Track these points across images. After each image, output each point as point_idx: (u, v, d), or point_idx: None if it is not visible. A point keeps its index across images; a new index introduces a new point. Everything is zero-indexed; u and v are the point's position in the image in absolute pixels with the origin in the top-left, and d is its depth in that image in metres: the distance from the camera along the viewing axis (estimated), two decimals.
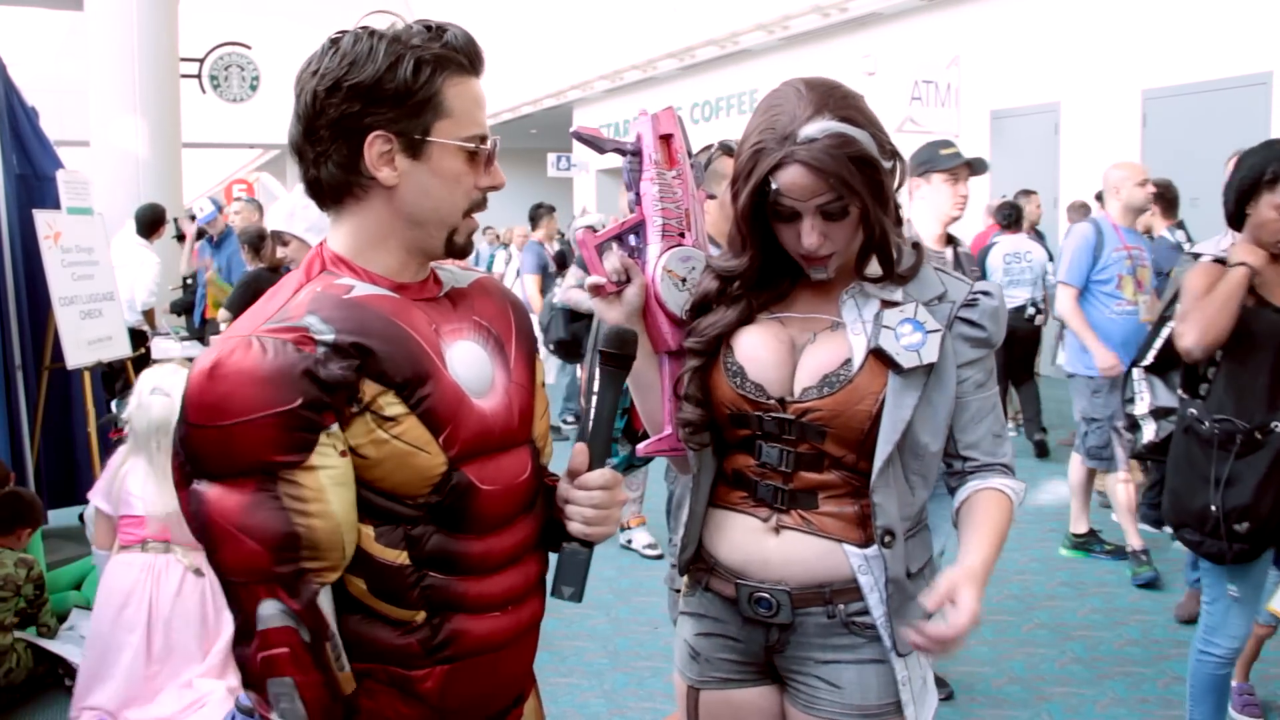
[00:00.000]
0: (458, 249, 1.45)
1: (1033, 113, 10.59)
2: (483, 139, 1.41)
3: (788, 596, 1.64)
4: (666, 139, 1.70)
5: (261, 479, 1.24)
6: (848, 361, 1.59)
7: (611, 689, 3.91)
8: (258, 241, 6.40)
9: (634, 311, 1.68)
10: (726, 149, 3.15)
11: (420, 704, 1.39)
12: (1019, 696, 3.75)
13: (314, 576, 1.27)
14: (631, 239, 1.73)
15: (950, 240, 3.69)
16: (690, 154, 1.74)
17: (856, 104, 1.58)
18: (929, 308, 1.62)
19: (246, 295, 5.74)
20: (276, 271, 6.49)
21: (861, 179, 1.53)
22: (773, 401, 1.62)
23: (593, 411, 1.52)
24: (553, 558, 1.55)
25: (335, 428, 1.28)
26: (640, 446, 1.78)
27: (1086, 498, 5.26)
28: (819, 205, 1.55)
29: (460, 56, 1.38)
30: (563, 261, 9.06)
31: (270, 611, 1.26)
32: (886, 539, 1.60)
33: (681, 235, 1.71)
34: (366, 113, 1.33)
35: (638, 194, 1.71)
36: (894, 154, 1.60)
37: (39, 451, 5.42)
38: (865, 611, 1.63)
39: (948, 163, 3.61)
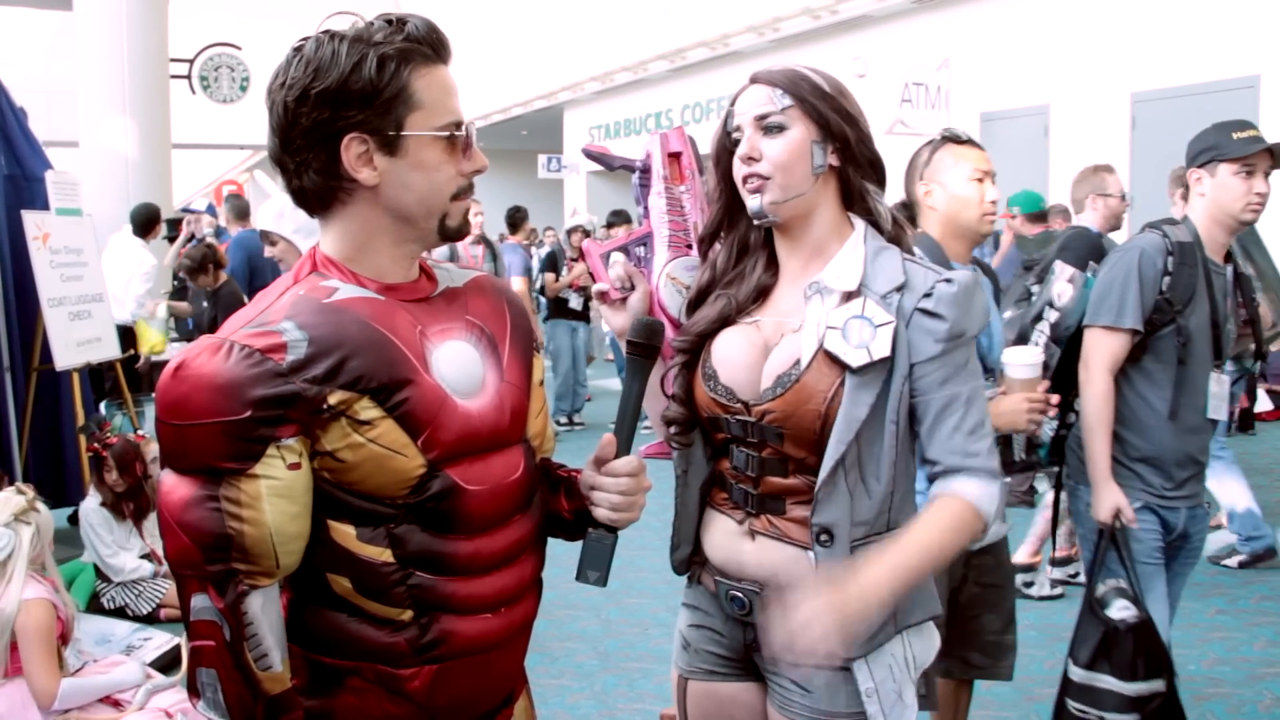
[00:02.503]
0: (451, 233, 1.45)
1: (1022, 115, 10.61)
2: (458, 125, 1.41)
3: (759, 598, 1.65)
4: (675, 156, 1.77)
5: (206, 479, 1.27)
6: (798, 362, 1.59)
7: (602, 690, 3.90)
8: (198, 267, 6.39)
9: (638, 317, 1.70)
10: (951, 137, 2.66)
11: (408, 703, 1.39)
12: (1008, 697, 3.76)
13: (245, 579, 1.29)
14: (640, 250, 1.79)
15: (1230, 256, 2.80)
16: (701, 171, 1.79)
17: (836, 81, 1.65)
18: (886, 300, 1.57)
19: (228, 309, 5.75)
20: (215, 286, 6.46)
21: (810, 95, 1.60)
22: (739, 405, 1.63)
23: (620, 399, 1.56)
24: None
25: (292, 440, 1.29)
26: (642, 449, 1.81)
27: None
28: (756, 115, 1.61)
29: (424, 46, 1.38)
30: (554, 263, 9.09)
31: (200, 605, 1.30)
32: (823, 538, 1.57)
33: (689, 247, 1.77)
34: (338, 117, 1.33)
35: (645, 208, 1.78)
36: (858, 128, 1.63)
37: (27, 453, 5.41)
38: None
39: (1239, 149, 2.64)
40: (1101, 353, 2.68)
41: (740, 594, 1.67)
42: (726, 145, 1.68)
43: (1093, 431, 2.71)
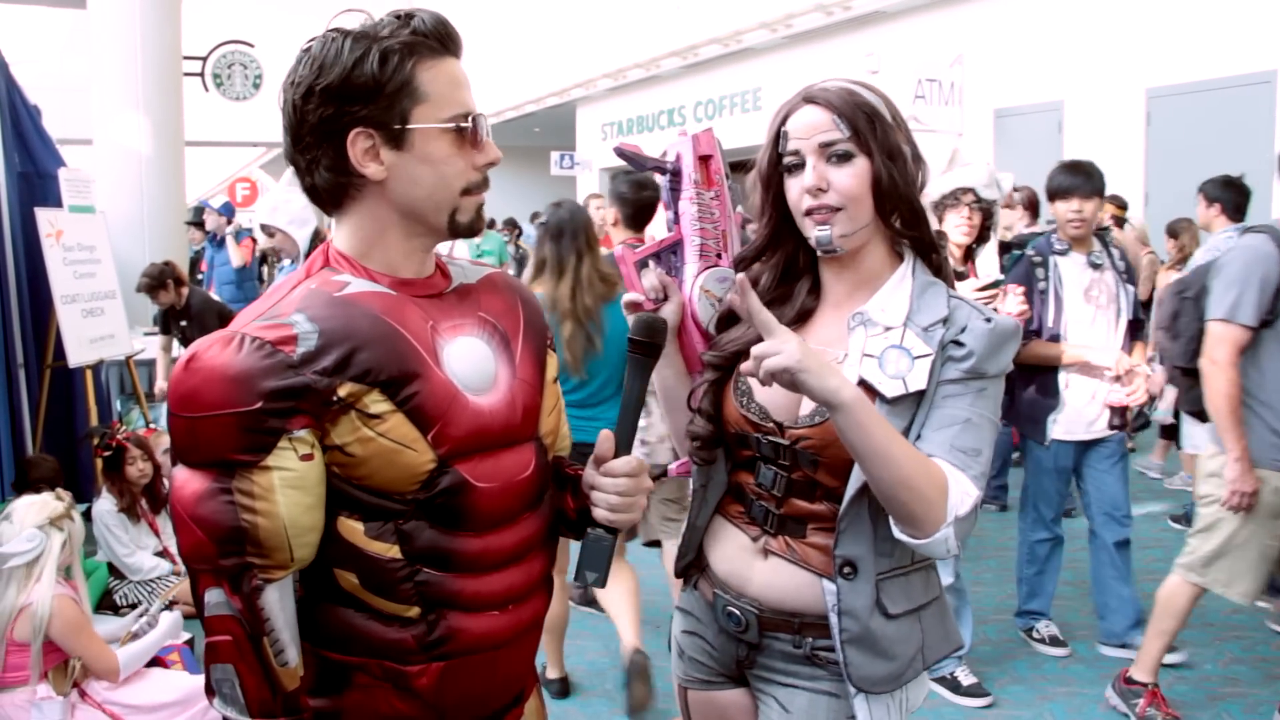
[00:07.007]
0: (463, 229, 1.43)
1: (1036, 111, 10.56)
2: (466, 116, 1.39)
3: (756, 617, 1.64)
4: (705, 160, 1.72)
5: (219, 473, 1.27)
6: None
7: (613, 688, 3.90)
8: (157, 283, 6.31)
9: (670, 330, 1.69)
10: None
11: (416, 700, 1.39)
12: (1022, 697, 3.74)
13: (259, 573, 1.29)
14: (671, 258, 1.76)
15: None
16: (728, 176, 1.76)
17: (883, 92, 1.60)
18: (928, 332, 1.53)
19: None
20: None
21: (868, 126, 1.54)
22: (772, 425, 1.60)
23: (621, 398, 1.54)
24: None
25: (303, 432, 1.29)
26: (672, 467, 1.79)
27: None
28: (821, 142, 1.55)
29: (430, 40, 1.37)
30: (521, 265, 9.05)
31: (215, 600, 1.30)
32: (846, 570, 1.56)
33: (719, 256, 1.74)
34: (343, 112, 1.34)
35: (676, 213, 1.74)
36: (913, 145, 1.59)
37: (41, 450, 5.43)
38: (831, 648, 1.60)
39: None
40: None
41: (737, 611, 1.66)
42: (777, 166, 1.62)
43: None
